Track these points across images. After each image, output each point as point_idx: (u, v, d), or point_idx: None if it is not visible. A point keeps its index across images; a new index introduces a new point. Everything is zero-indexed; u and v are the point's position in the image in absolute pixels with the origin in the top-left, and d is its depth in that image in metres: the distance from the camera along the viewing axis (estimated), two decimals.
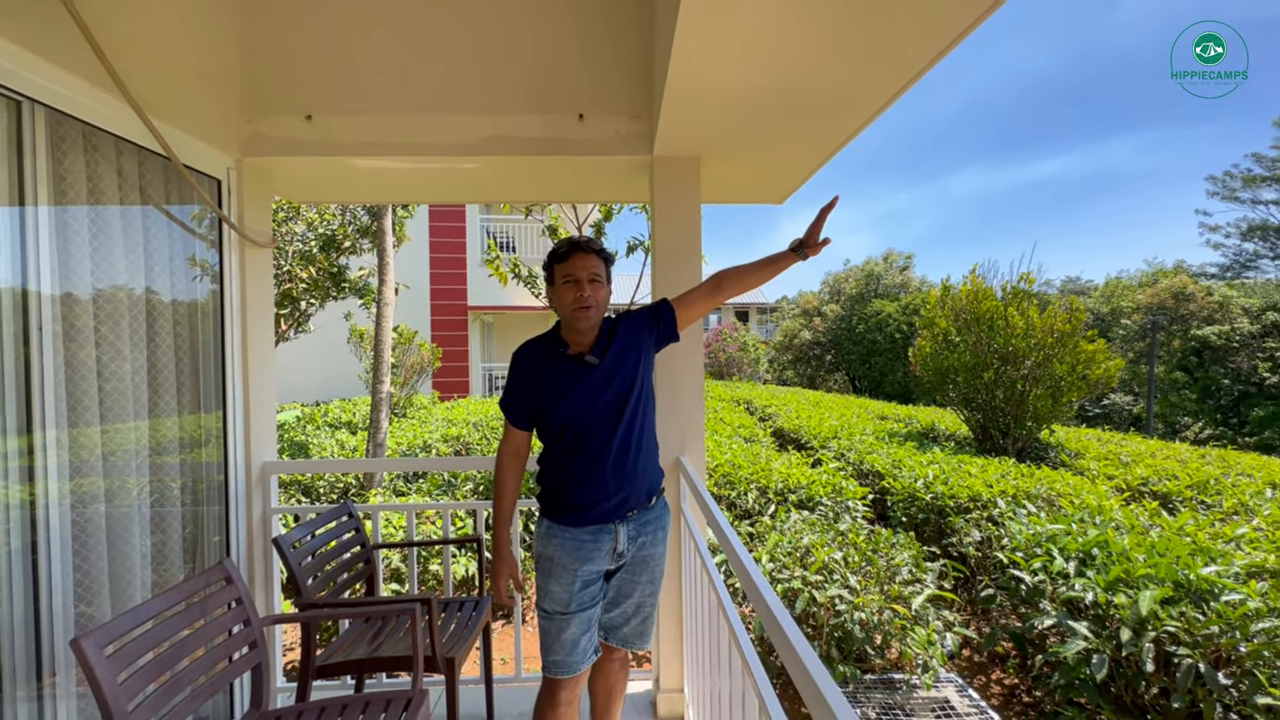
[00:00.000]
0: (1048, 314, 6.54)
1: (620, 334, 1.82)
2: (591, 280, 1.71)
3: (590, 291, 1.70)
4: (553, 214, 6.69)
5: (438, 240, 14.40)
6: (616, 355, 1.78)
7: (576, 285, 1.70)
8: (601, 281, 1.73)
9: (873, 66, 1.81)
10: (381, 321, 5.18)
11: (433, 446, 6.55)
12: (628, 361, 1.79)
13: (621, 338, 1.82)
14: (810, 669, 0.81)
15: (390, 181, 2.86)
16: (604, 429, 1.74)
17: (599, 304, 1.73)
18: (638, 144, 2.40)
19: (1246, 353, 21.24)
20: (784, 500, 4.39)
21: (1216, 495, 4.52)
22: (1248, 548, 2.91)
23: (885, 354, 23.75)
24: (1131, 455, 6.34)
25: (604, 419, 1.74)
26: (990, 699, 3.27)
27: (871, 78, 1.88)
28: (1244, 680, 2.12)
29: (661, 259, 2.44)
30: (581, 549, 1.74)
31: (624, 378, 1.77)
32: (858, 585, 2.94)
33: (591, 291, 1.70)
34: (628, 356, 1.80)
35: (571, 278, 1.71)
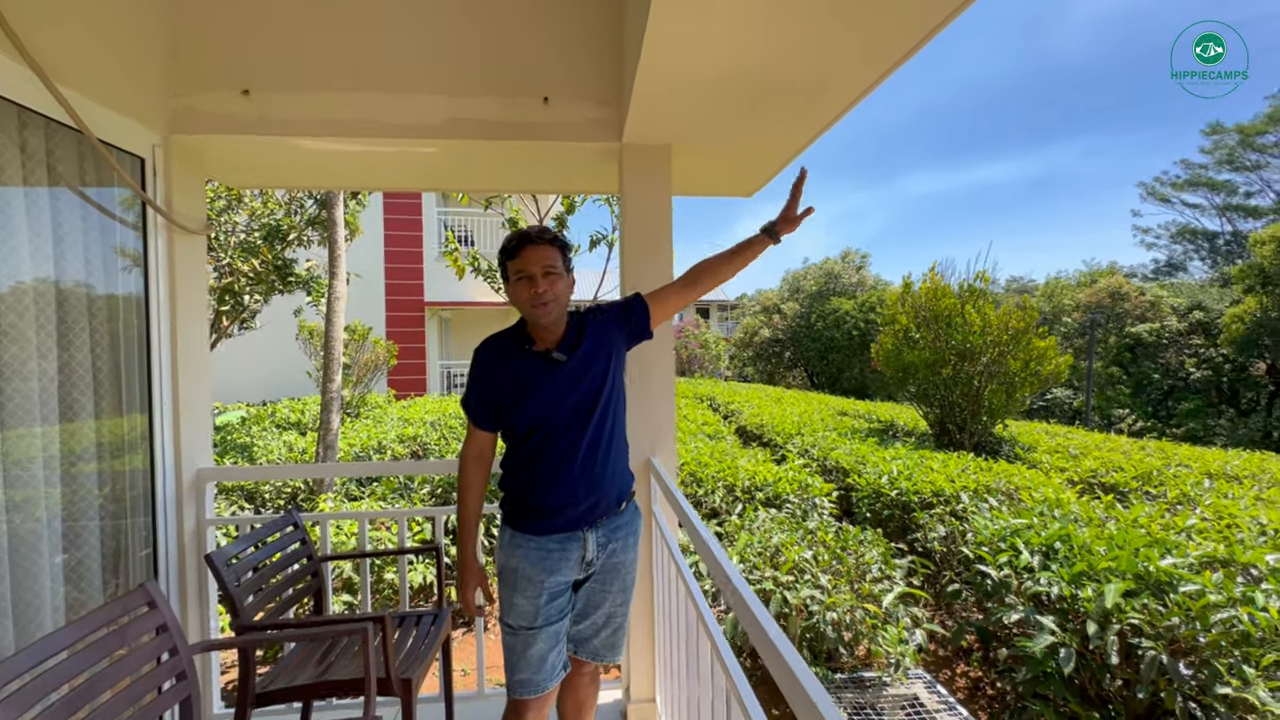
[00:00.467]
0: (1003, 311, 6.73)
1: (591, 329, 1.71)
2: (547, 273, 1.59)
3: (546, 286, 1.58)
4: (513, 207, 6.50)
5: (393, 233, 13.92)
6: (586, 352, 1.67)
7: (530, 281, 1.58)
8: (559, 273, 1.61)
9: (849, 57, 1.76)
10: (333, 317, 4.91)
11: (388, 448, 6.29)
12: (598, 358, 1.69)
13: (592, 334, 1.71)
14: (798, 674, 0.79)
15: (339, 166, 2.66)
16: (572, 430, 1.63)
17: (558, 298, 1.61)
18: (606, 130, 2.29)
19: (1175, 349, 22.52)
20: (751, 498, 4.35)
21: (1160, 486, 4.70)
22: (1198, 538, 3.00)
23: (842, 350, 24.26)
24: (1079, 448, 6.58)
25: (572, 419, 1.63)
26: (956, 692, 3.30)
27: (847, 68, 1.82)
28: (1203, 670, 2.16)
29: (631, 252, 2.34)
30: (548, 559, 1.62)
31: (594, 376, 1.67)
32: (829, 585, 2.91)
33: (548, 285, 1.58)
34: (598, 353, 1.69)
35: (524, 273, 1.59)
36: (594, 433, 1.65)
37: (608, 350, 1.71)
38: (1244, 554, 2.64)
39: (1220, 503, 4.01)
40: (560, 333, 1.67)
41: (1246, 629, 2.11)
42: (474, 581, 1.68)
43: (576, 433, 1.63)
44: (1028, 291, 31.05)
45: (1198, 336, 22.22)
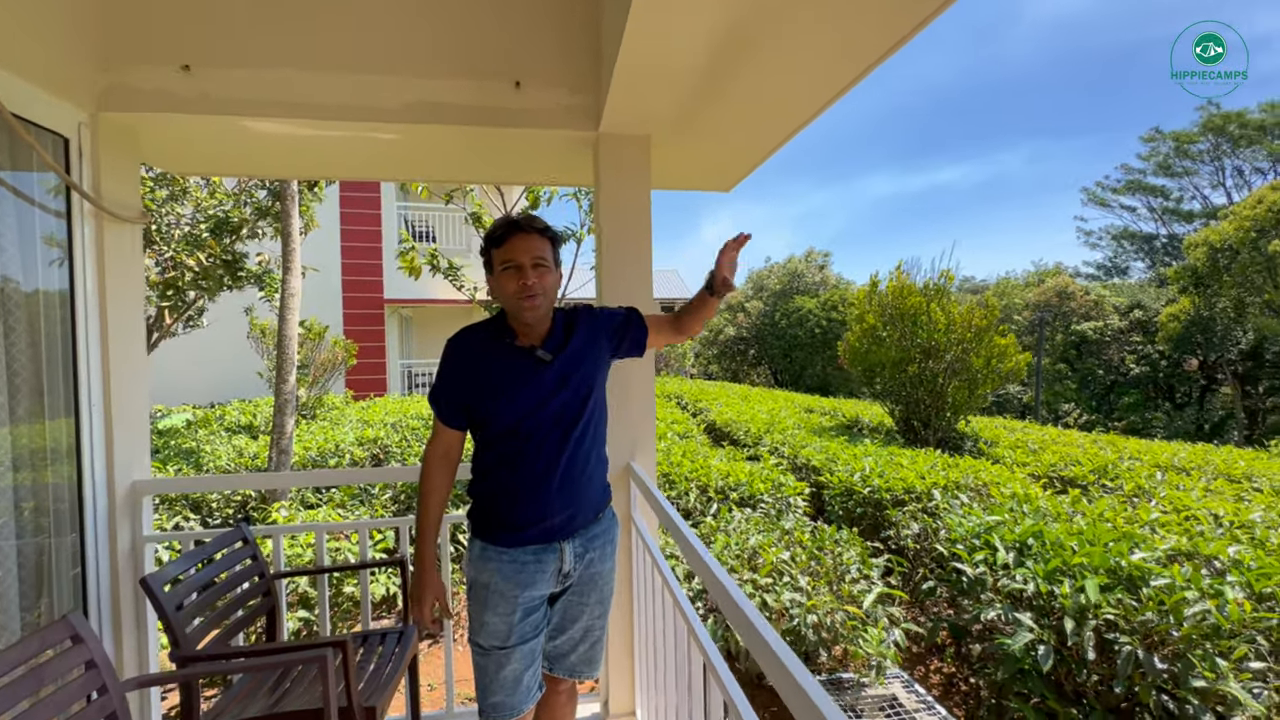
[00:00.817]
0: (966, 309, 6.88)
1: (580, 330, 1.61)
2: (536, 265, 1.47)
3: (535, 278, 1.46)
4: (475, 201, 6.30)
5: (350, 228, 13.44)
6: (574, 353, 1.57)
7: (518, 272, 1.46)
8: (548, 265, 1.50)
9: (831, 50, 1.71)
10: (286, 314, 4.65)
11: (346, 451, 6.02)
12: (585, 361, 1.58)
13: (582, 335, 1.60)
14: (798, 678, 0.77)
15: (291, 152, 2.47)
16: (553, 437, 1.51)
17: (547, 291, 1.50)
18: (581, 118, 2.18)
19: (1116, 346, 23.59)
20: (725, 498, 4.30)
21: (1116, 479, 4.85)
22: (1162, 531, 3.07)
23: (805, 348, 24.60)
24: (1037, 443, 6.78)
25: (554, 424, 1.52)
26: (931, 689, 3.30)
27: (830, 62, 1.77)
28: (1177, 663, 2.19)
29: (609, 247, 2.23)
30: (522, 572, 1.51)
31: (581, 379, 1.56)
32: (808, 586, 2.87)
33: (537, 278, 1.47)
34: (586, 355, 1.59)
35: (512, 263, 1.47)
36: (577, 441, 1.54)
37: (596, 355, 1.61)
38: (1206, 546, 2.71)
39: (1174, 494, 4.14)
40: (545, 330, 1.56)
41: (1218, 621, 2.15)
42: (431, 594, 1.56)
43: (558, 440, 1.52)
44: (980, 291, 32.13)
45: (1137, 334, 23.33)
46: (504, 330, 1.55)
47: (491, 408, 1.50)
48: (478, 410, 1.52)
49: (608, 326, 1.67)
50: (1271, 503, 4.03)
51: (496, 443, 1.52)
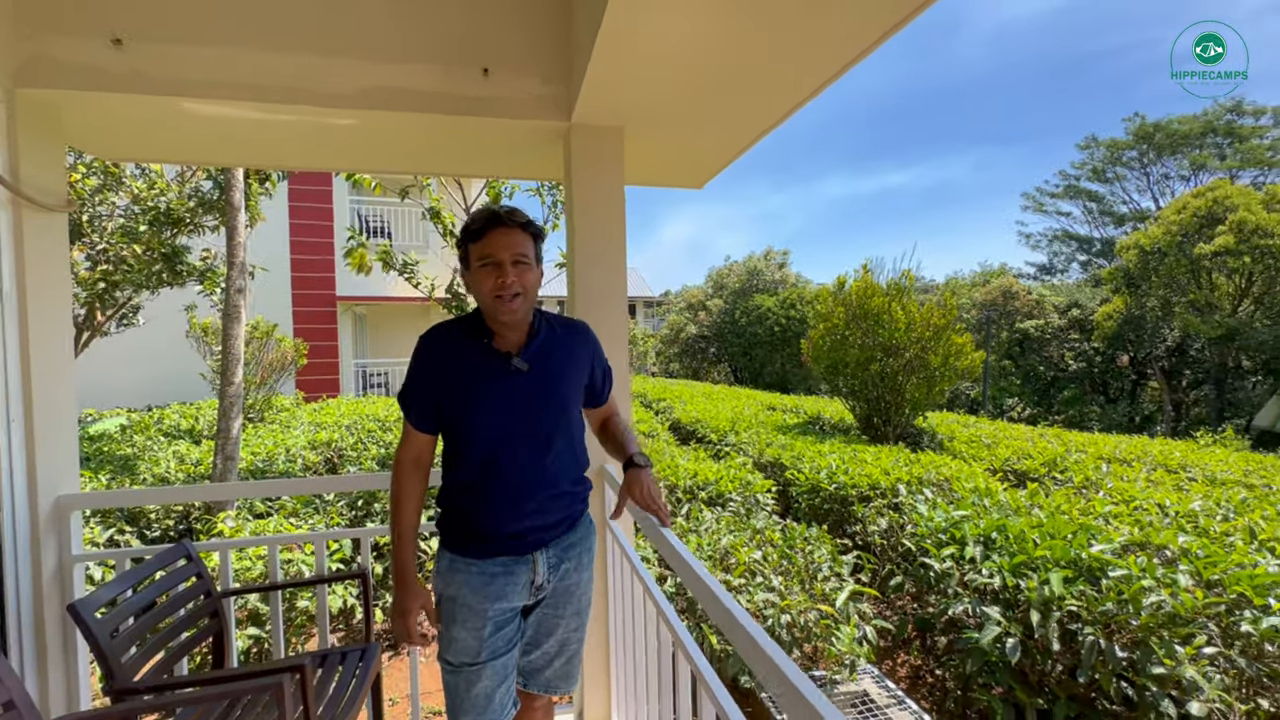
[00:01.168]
0: (926, 309, 7.06)
1: (562, 339, 1.54)
2: (516, 262, 1.38)
3: (515, 276, 1.37)
4: (433, 196, 6.09)
5: (300, 222, 12.90)
6: (555, 361, 1.49)
7: (497, 269, 1.37)
8: (529, 263, 1.41)
9: (813, 44, 1.68)
10: (231, 311, 4.38)
11: (298, 455, 5.75)
12: (566, 376, 1.51)
13: (564, 343, 1.53)
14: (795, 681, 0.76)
15: (235, 138, 2.30)
16: (528, 445, 1.44)
17: (527, 291, 1.41)
18: (552, 108, 2.09)
19: (1056, 344, 24.76)
20: (693, 498, 4.28)
21: (1066, 472, 5.05)
22: (1115, 522, 3.19)
23: (765, 346, 24.96)
24: (989, 437, 7.01)
25: (529, 434, 1.44)
26: (899, 682, 3.35)
27: (811, 56, 1.74)
28: (1136, 651, 2.26)
29: (581, 243, 2.16)
30: (492, 584, 1.43)
31: (558, 392, 1.49)
32: (781, 586, 2.86)
33: (517, 276, 1.38)
34: (567, 370, 1.52)
35: (490, 259, 1.37)
36: (551, 450, 1.47)
37: (576, 374, 1.55)
38: (1157, 536, 2.81)
39: (1120, 485, 4.33)
40: (524, 333, 1.47)
41: (1174, 609, 2.22)
42: (416, 603, 1.45)
43: (535, 449, 1.44)
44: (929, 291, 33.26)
45: (1075, 332, 24.53)
46: (480, 330, 1.46)
47: (464, 413, 1.42)
48: (449, 415, 1.44)
49: (589, 352, 1.60)
50: (1207, 492, 4.26)
51: (467, 450, 1.43)
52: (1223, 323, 18.45)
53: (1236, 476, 5.11)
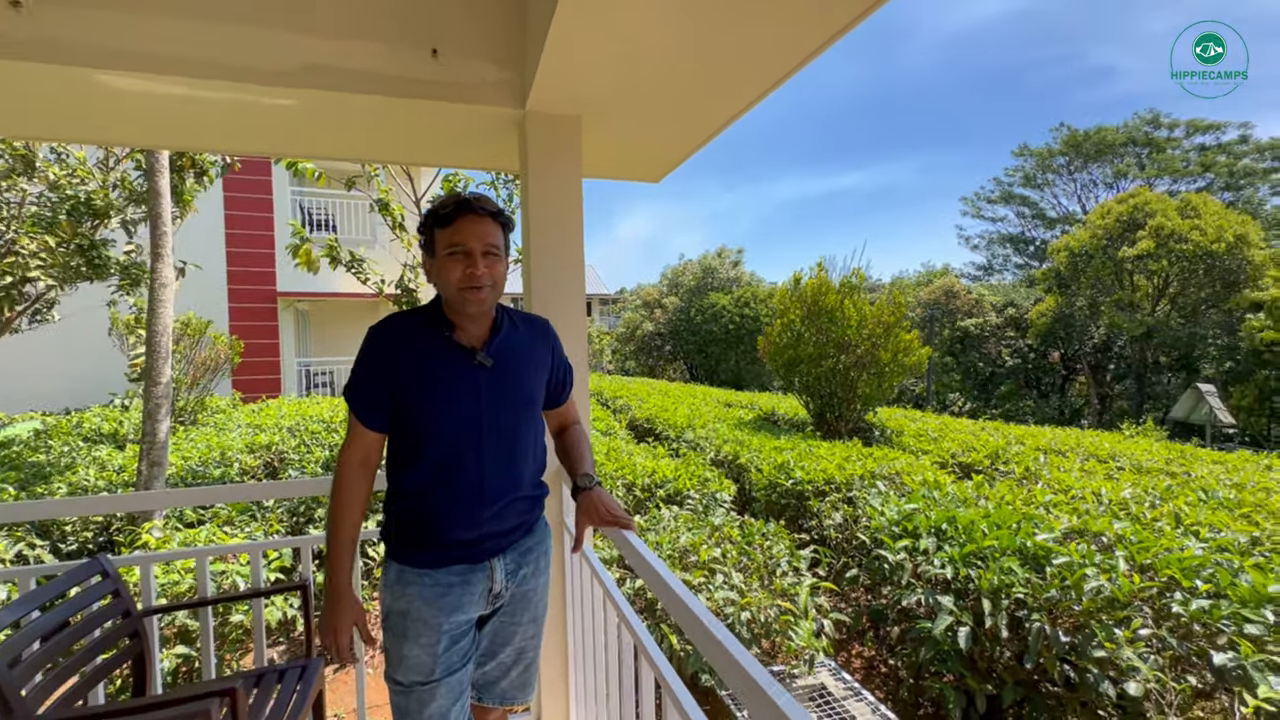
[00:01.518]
0: (877, 306, 7.26)
1: (524, 334, 1.47)
2: (487, 252, 1.32)
3: (485, 268, 1.31)
4: (382, 188, 5.86)
5: (236, 214, 12.23)
6: (519, 357, 1.43)
7: (467, 259, 1.30)
8: (499, 254, 1.35)
9: (772, 36, 1.66)
10: (157, 307, 4.08)
11: (234, 460, 5.43)
12: (531, 365, 1.45)
13: (525, 338, 1.47)
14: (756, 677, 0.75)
15: (160, 117, 2.12)
16: (488, 446, 1.36)
17: (496, 284, 1.35)
18: (506, 95, 2.01)
19: (994, 341, 25.95)
20: (651, 496, 4.25)
21: (1008, 464, 5.26)
22: (1055, 511, 3.33)
23: (720, 343, 25.24)
24: (935, 431, 7.26)
25: (490, 433, 1.36)
26: (854, 672, 3.41)
27: (769, 48, 1.72)
28: (1078, 635, 2.35)
29: (537, 235, 2.08)
30: (447, 595, 1.35)
31: (522, 389, 1.43)
32: (741, 583, 2.86)
33: (487, 267, 1.31)
34: (531, 360, 1.46)
35: (460, 248, 1.30)
36: (513, 451, 1.40)
37: (538, 371, 1.49)
38: (1095, 524, 2.95)
39: (1058, 475, 4.54)
40: (487, 327, 1.40)
41: (1113, 594, 2.32)
42: (349, 617, 1.36)
43: (500, 450, 1.37)
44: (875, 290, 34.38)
45: (1011, 330, 25.77)
46: (440, 322, 1.37)
47: (421, 411, 1.33)
48: (404, 412, 1.34)
49: (550, 346, 1.54)
50: (1136, 480, 4.51)
51: (424, 451, 1.34)
52: (1143, 321, 19.74)
53: (1160, 465, 5.45)
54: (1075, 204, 31.28)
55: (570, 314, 2.08)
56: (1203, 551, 2.65)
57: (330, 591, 1.35)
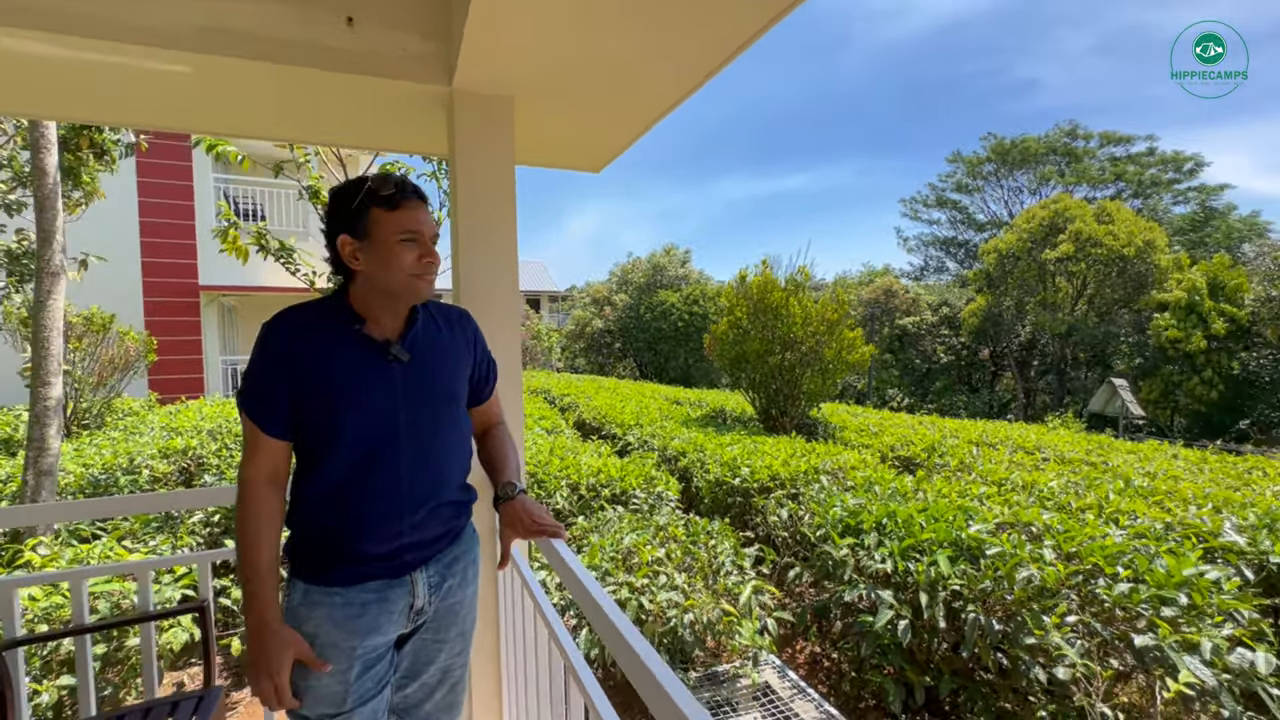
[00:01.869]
0: (820, 304, 7.38)
1: (442, 326, 1.37)
2: (433, 241, 1.27)
3: (437, 257, 1.26)
4: (313, 174, 5.51)
5: (152, 201, 11.37)
6: (438, 351, 1.33)
7: (420, 246, 1.23)
8: (437, 243, 1.30)
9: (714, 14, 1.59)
10: (46, 300, 3.68)
11: (143, 466, 5.00)
12: (450, 359, 1.35)
13: (444, 332, 1.36)
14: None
15: (36, 82, 1.87)
16: (412, 447, 1.25)
17: (437, 274, 1.30)
18: (431, 70, 1.86)
19: (930, 338, 27.10)
20: (596, 495, 4.15)
21: (944, 456, 5.43)
22: (988, 502, 3.42)
23: (670, 341, 25.36)
24: (876, 426, 7.45)
25: (415, 433, 1.26)
26: (798, 668, 3.42)
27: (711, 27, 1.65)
28: (1010, 624, 2.40)
29: (467, 223, 1.95)
30: (362, 617, 1.22)
31: (449, 381, 1.34)
32: (685, 584, 2.80)
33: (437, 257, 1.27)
34: (451, 354, 1.36)
35: (413, 234, 1.21)
36: (435, 455, 1.30)
37: (459, 356, 1.38)
38: (1025, 514, 3.04)
39: (990, 467, 4.71)
40: (402, 319, 1.29)
41: (1042, 582, 2.38)
42: (286, 653, 1.16)
43: (420, 452, 1.27)
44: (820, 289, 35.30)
45: (946, 328, 26.97)
46: (347, 315, 1.24)
47: (333, 411, 1.19)
48: (312, 414, 1.20)
49: (468, 337, 1.44)
50: (1060, 470, 4.73)
51: (334, 456, 1.21)
52: (1064, 320, 21.01)
53: (1081, 455, 5.74)
54: (1003, 209, 33.02)
55: (502, 308, 1.96)
56: (1123, 538, 2.77)
57: (255, 630, 1.15)
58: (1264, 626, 2.31)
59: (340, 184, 1.27)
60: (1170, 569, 2.40)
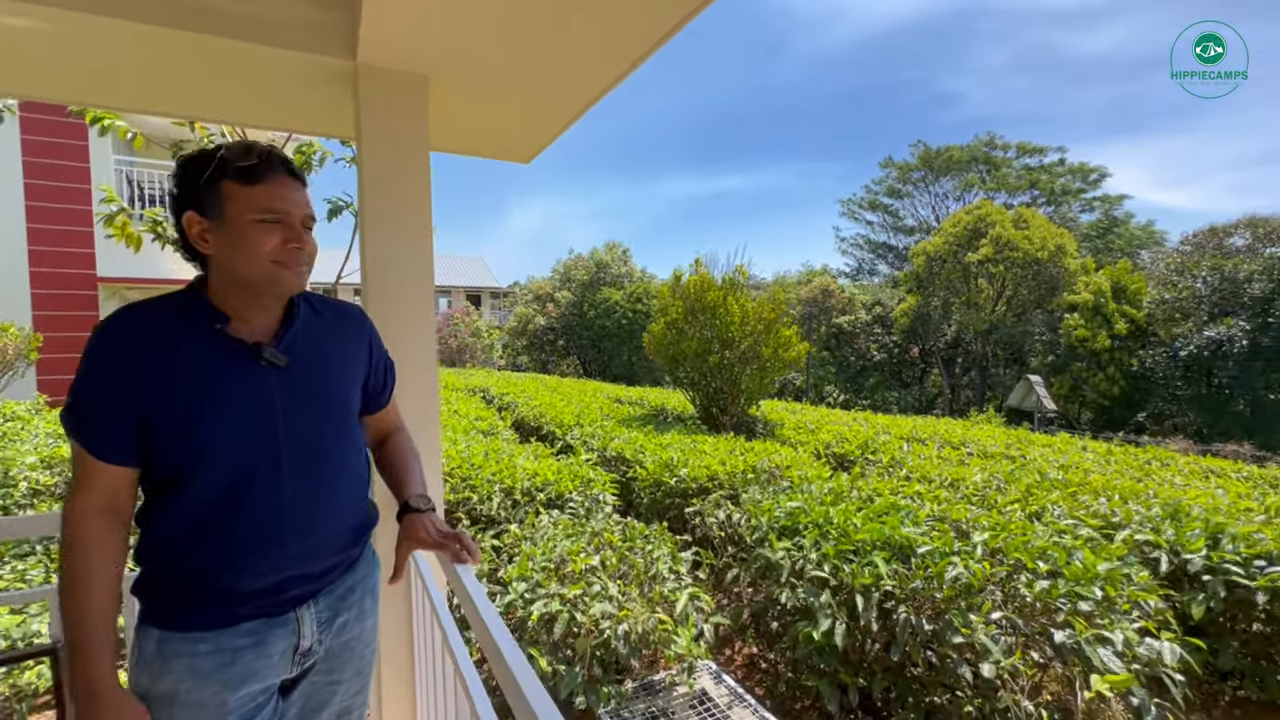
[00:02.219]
0: (758, 303, 7.45)
1: (330, 325, 1.19)
2: (304, 224, 1.08)
3: (308, 243, 1.08)
4: None
5: (40, 183, 10.29)
6: (324, 353, 1.16)
7: (287, 229, 1.05)
8: (311, 228, 1.10)
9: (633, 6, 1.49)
10: None
11: (20, 478, 4.47)
12: (338, 362, 1.18)
13: (332, 331, 1.19)
14: None
15: None
16: (295, 466, 1.08)
17: (312, 261, 1.10)
18: (332, 41, 1.68)
19: (864, 337, 28.14)
20: (532, 500, 3.99)
21: (876, 453, 5.56)
22: (920, 499, 3.49)
23: (613, 338, 25.28)
24: (813, 423, 7.60)
25: (297, 450, 1.08)
26: (735, 670, 3.38)
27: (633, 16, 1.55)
28: (939, 622, 2.42)
29: (375, 210, 1.77)
30: (234, 665, 1.04)
31: (337, 388, 1.17)
32: (619, 593, 2.70)
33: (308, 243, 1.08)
34: (339, 356, 1.19)
35: (275, 214, 1.03)
36: (334, 472, 1.14)
37: (350, 359, 1.22)
38: (954, 511, 3.10)
39: (919, 463, 4.84)
40: (277, 316, 1.11)
41: (969, 581, 2.42)
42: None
43: (305, 472, 1.09)
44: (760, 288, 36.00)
45: (879, 327, 28.05)
46: (205, 312, 1.05)
47: (188, 431, 1.00)
48: (165, 438, 1.00)
49: (375, 356, 1.29)
50: (983, 465, 4.91)
51: (193, 484, 1.02)
52: (986, 319, 22.24)
53: (1001, 449, 6.02)
54: (930, 213, 34.66)
55: (414, 301, 1.80)
56: (1044, 533, 2.86)
57: (84, 700, 0.95)
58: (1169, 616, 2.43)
59: (190, 152, 1.07)
60: (1086, 563, 2.48)
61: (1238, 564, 2.78)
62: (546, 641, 2.55)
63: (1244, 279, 17.33)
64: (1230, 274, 17.66)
